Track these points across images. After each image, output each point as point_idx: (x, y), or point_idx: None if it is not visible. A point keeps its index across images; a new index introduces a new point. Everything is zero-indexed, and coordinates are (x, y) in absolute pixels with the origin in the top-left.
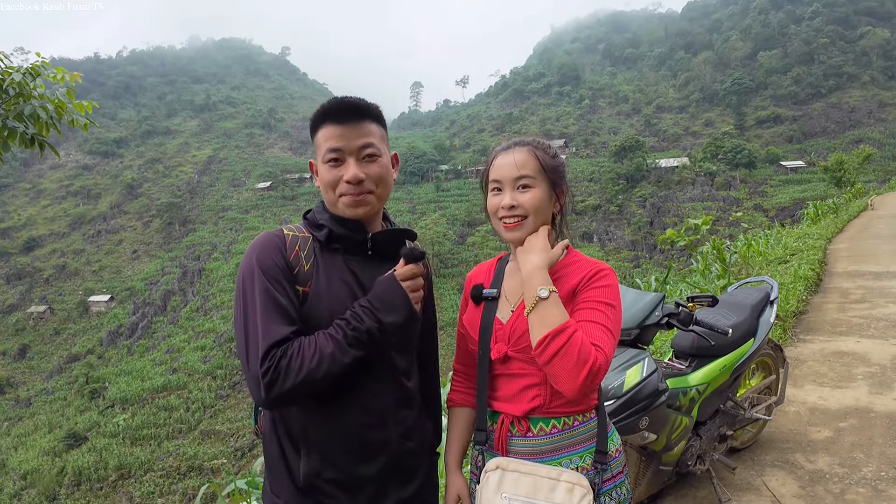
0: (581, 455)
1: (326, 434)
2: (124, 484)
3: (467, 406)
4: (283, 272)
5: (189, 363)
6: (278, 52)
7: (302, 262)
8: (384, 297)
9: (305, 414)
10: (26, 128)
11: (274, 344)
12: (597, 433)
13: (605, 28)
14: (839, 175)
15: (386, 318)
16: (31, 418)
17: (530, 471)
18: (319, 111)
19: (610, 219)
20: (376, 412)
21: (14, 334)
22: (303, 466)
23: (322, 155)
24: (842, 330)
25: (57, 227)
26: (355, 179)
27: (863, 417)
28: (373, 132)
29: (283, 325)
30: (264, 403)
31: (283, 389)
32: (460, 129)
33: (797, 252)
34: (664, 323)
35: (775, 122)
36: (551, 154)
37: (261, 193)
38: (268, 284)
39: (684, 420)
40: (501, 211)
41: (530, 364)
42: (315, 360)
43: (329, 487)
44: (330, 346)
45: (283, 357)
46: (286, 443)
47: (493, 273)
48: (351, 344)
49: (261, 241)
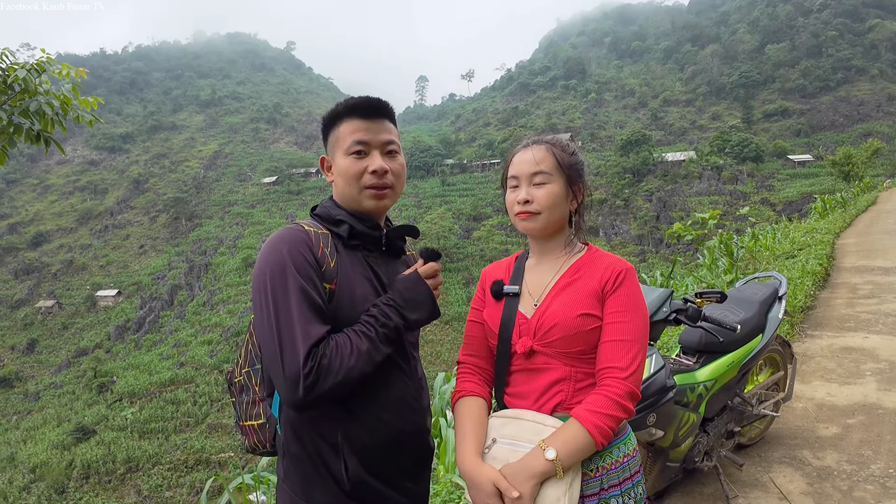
0: (601, 455)
1: (367, 430)
2: (132, 477)
3: (481, 396)
4: (314, 270)
5: (196, 357)
6: (284, 46)
7: (328, 259)
8: (409, 294)
9: (342, 412)
10: (32, 124)
11: (314, 344)
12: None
13: (612, 21)
14: (847, 169)
15: (411, 315)
16: (40, 412)
17: (516, 416)
18: (346, 105)
19: (616, 213)
20: (408, 402)
21: (23, 329)
22: (349, 467)
23: (346, 147)
24: (850, 326)
25: (64, 223)
26: (382, 170)
27: (871, 414)
28: (392, 131)
29: (320, 325)
30: (301, 405)
31: (324, 389)
32: (466, 123)
33: (805, 247)
34: (672, 319)
35: (783, 116)
36: (569, 152)
37: (266, 188)
38: (302, 282)
39: (692, 416)
40: (517, 206)
41: (555, 358)
42: (353, 358)
43: (376, 483)
44: (365, 343)
45: (323, 357)
46: (323, 446)
47: (513, 269)
48: (383, 341)
49: (287, 236)
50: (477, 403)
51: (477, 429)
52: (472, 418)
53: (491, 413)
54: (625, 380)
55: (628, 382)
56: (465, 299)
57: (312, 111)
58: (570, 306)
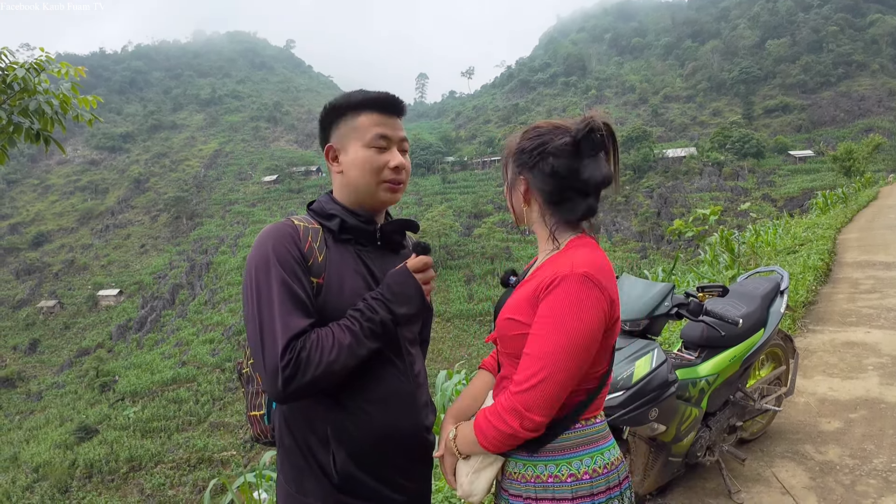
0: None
1: (356, 424)
2: (135, 476)
3: (491, 371)
4: (298, 263)
5: (198, 356)
6: (283, 44)
7: (315, 254)
8: (397, 288)
9: (333, 406)
10: (31, 123)
11: (293, 336)
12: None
13: (612, 17)
14: (848, 164)
15: (399, 310)
16: (43, 412)
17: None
18: (367, 97)
19: (617, 210)
20: (402, 398)
21: (24, 329)
22: (337, 460)
23: (368, 139)
24: (852, 320)
25: (65, 223)
26: (402, 166)
27: (873, 408)
28: (404, 129)
29: (302, 318)
30: (281, 397)
31: (303, 383)
32: (466, 120)
33: (806, 242)
34: (674, 313)
35: (784, 111)
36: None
37: (267, 187)
38: (285, 276)
39: (694, 411)
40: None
41: (503, 356)
42: (334, 352)
43: (365, 478)
44: (347, 337)
45: (302, 349)
46: (312, 440)
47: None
48: (367, 335)
49: (273, 231)
50: (483, 376)
51: (468, 396)
52: (471, 387)
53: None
54: (514, 395)
55: (516, 399)
56: (467, 297)
57: (312, 109)
58: (508, 308)
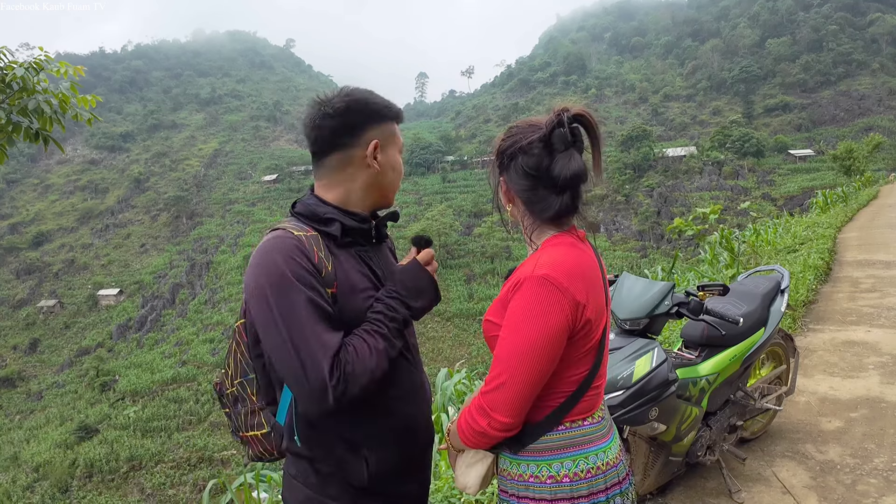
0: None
1: (386, 423)
2: (136, 475)
3: None
4: (314, 277)
5: (198, 355)
6: (283, 44)
7: (325, 264)
8: (411, 283)
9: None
10: (31, 122)
11: (335, 354)
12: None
13: (612, 16)
14: (848, 163)
15: (415, 304)
16: (43, 411)
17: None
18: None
19: (617, 209)
20: (417, 392)
21: (25, 328)
22: (370, 464)
23: (400, 146)
24: (852, 319)
25: (65, 222)
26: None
27: (874, 407)
28: None
29: (335, 333)
30: (327, 412)
31: (353, 395)
32: (466, 119)
33: (806, 241)
34: (674, 312)
35: (784, 111)
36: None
37: (267, 186)
38: (309, 294)
39: (694, 410)
40: None
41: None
42: (373, 359)
43: (393, 475)
44: (381, 342)
45: (346, 364)
46: (340, 447)
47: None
48: (395, 336)
49: (278, 245)
50: None
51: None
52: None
53: None
54: (482, 395)
55: (483, 399)
56: (467, 296)
57: None
58: (488, 310)
